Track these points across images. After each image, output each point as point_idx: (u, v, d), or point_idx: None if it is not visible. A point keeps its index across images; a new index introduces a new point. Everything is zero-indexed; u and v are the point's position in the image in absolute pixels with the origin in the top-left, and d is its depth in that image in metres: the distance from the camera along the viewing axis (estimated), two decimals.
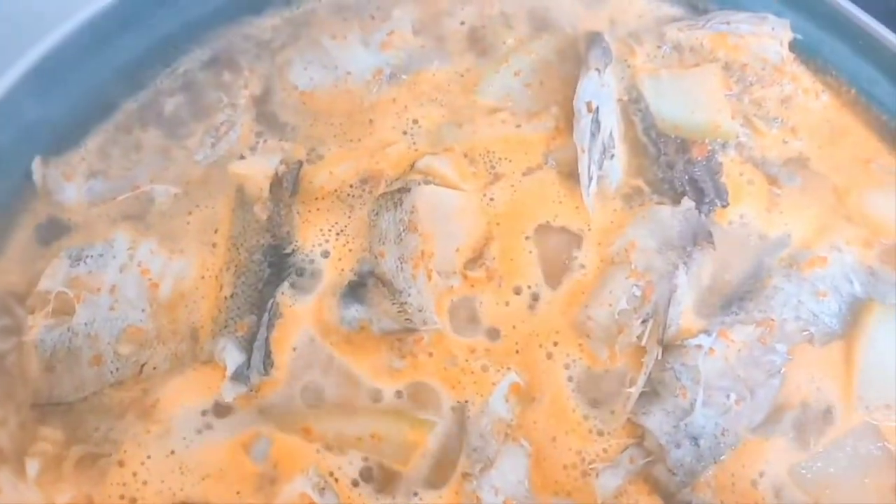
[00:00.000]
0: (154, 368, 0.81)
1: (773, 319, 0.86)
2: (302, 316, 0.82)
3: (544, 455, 0.80)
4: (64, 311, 0.82)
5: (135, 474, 0.77)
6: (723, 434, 0.81)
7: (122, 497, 0.76)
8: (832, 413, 0.84)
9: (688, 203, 0.89)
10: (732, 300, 0.87)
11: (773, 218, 0.92)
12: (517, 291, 0.85)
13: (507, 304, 0.85)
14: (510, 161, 0.91)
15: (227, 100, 0.92)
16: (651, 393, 0.82)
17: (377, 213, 0.85)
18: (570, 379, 0.82)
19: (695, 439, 0.79)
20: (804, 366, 0.85)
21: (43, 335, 0.79)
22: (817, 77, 0.98)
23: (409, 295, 0.82)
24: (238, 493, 0.77)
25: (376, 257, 0.84)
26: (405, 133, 0.92)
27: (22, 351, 0.81)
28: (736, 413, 0.83)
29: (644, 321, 0.82)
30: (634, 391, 0.80)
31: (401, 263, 0.83)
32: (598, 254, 0.88)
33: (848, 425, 0.84)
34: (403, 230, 0.84)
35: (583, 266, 0.88)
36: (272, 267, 0.83)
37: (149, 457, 0.77)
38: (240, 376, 0.78)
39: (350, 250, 0.85)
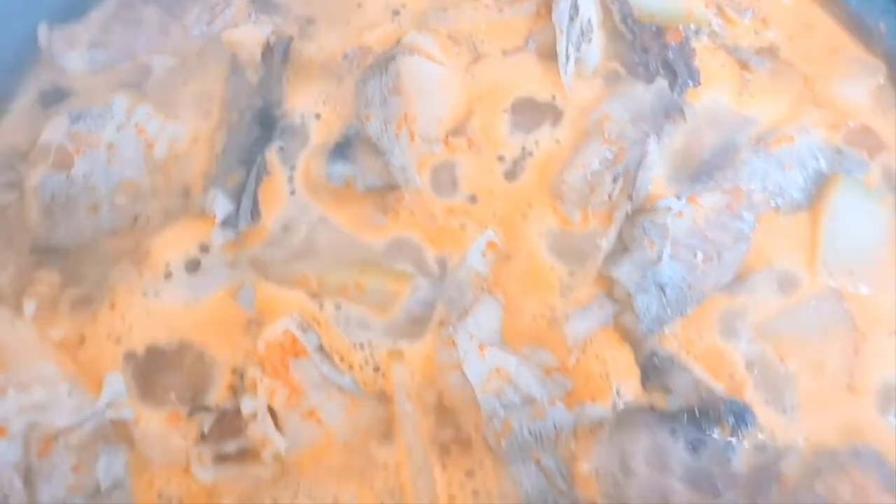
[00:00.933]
0: (147, 220, 0.84)
1: (741, 189, 0.88)
2: (289, 173, 0.87)
3: (516, 307, 0.82)
4: (64, 164, 0.86)
5: (123, 317, 0.80)
6: (689, 288, 0.83)
7: (108, 336, 0.80)
8: (797, 278, 0.85)
9: (661, 82, 0.92)
10: (702, 172, 0.89)
11: (743, 100, 0.93)
12: (497, 159, 0.87)
13: (486, 171, 0.87)
14: (492, 42, 0.94)
15: None
16: (621, 249, 0.84)
17: (364, 82, 0.88)
18: (544, 239, 0.84)
19: (661, 287, 0.81)
20: (771, 233, 0.86)
21: (43, 181, 0.82)
22: None
23: (393, 154, 0.85)
24: (225, 335, 0.83)
25: (362, 121, 0.86)
26: (393, 15, 0.95)
27: (23, 199, 0.86)
28: (703, 271, 0.85)
29: (615, 179, 0.84)
30: (605, 244, 0.82)
31: (385, 125, 0.86)
32: (574, 129, 0.90)
33: (812, 289, 0.85)
34: (388, 94, 0.86)
35: (558, 141, 0.90)
36: (262, 127, 0.86)
37: (138, 299, 0.81)
38: (229, 223, 0.82)
39: (338, 116, 0.88)
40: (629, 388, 0.80)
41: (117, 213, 0.83)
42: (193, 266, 0.81)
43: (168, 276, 0.81)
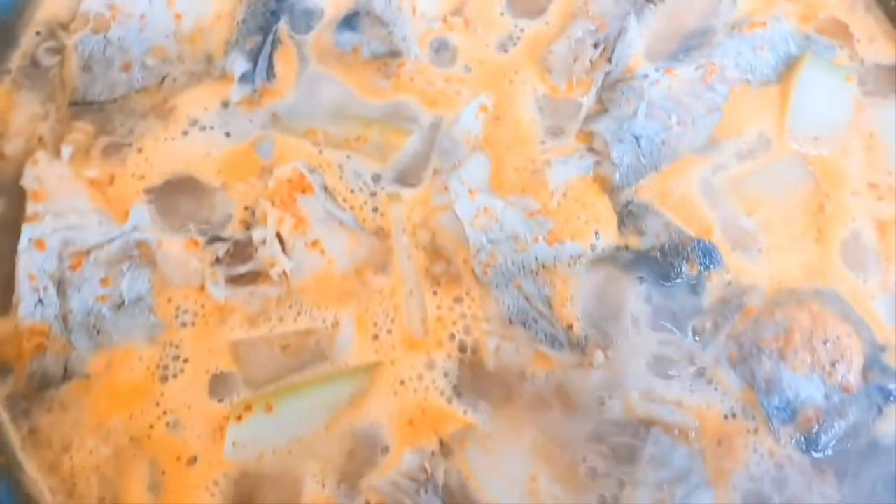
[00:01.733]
0: (174, 80, 0.93)
1: (714, 64, 0.95)
2: (301, 39, 0.96)
3: (502, 161, 0.89)
4: (101, 30, 0.94)
5: (148, 161, 0.88)
6: (663, 144, 0.89)
7: (134, 175, 0.88)
8: (765, 143, 0.92)
9: None
10: (679, 51, 0.96)
11: None
12: (491, 37, 0.96)
13: (480, 46, 0.95)
14: None
15: None
16: (601, 110, 0.91)
17: None
18: (532, 104, 0.92)
19: (636, 138, 0.88)
20: (742, 105, 0.93)
21: (83, 40, 0.91)
22: None
23: (396, 25, 0.93)
24: (241, 179, 0.90)
25: None
26: None
27: (63, 62, 0.95)
28: (677, 132, 0.91)
29: (596, 45, 0.92)
30: (586, 101, 0.90)
31: (389, 1, 0.96)
32: (561, 13, 0.98)
33: (779, 153, 0.91)
34: None
35: (547, 23, 0.98)
36: (278, 2, 0.96)
37: (163, 146, 0.89)
38: (246, 80, 0.90)
39: None
40: (606, 231, 0.87)
41: (147, 72, 0.92)
42: (214, 119, 0.90)
43: (191, 127, 0.90)
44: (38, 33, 0.96)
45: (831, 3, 1.02)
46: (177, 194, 0.88)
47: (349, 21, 0.94)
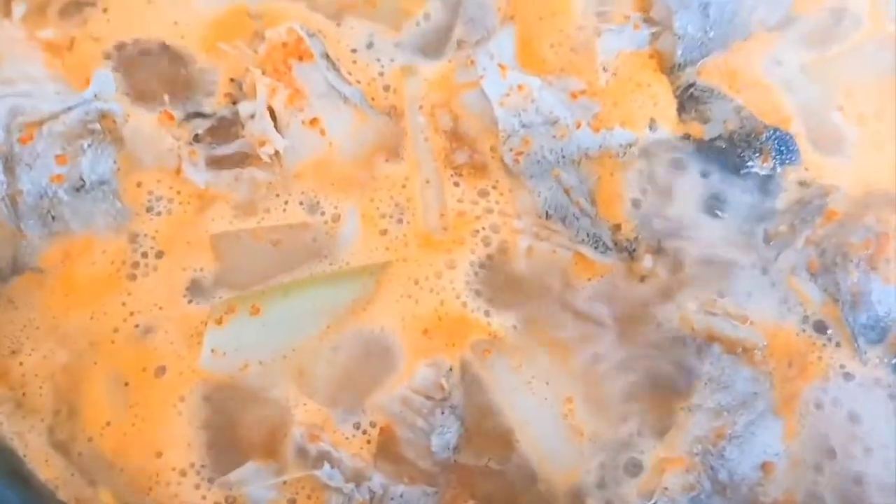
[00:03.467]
0: None
1: None
2: None
3: (538, 33, 0.75)
4: None
5: (116, 20, 0.74)
6: (734, 15, 0.75)
7: (98, 38, 0.72)
8: (855, 18, 0.77)
9: None
10: None
11: None
12: None
13: None
14: None
15: None
16: None
17: None
18: None
19: (704, 6, 0.73)
20: None
21: None
22: None
23: None
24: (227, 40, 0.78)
25: None
26: None
27: None
28: (751, 3, 0.76)
29: None
30: None
31: None
32: None
33: (871, 33, 0.77)
34: None
35: None
36: None
37: (130, 2, 0.76)
38: None
39: None
40: (663, 117, 0.74)
41: None
42: None
43: None
44: None
45: None
46: (149, 61, 0.73)
47: None
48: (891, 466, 0.64)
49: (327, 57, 0.74)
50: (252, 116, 0.70)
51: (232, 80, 0.74)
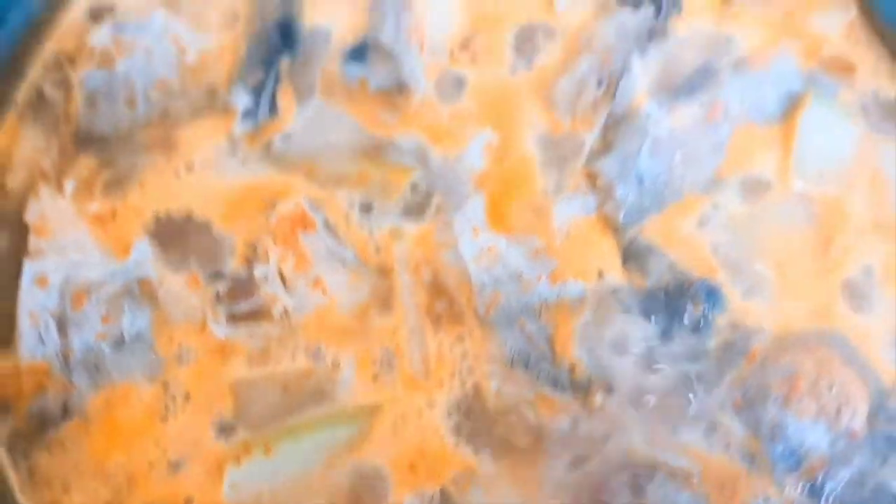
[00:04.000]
0: (177, 114, 0.93)
1: (718, 102, 0.98)
2: (306, 75, 0.96)
3: (504, 199, 0.89)
4: (106, 65, 0.96)
5: (151, 195, 0.89)
6: (667, 184, 0.90)
7: (137, 211, 0.88)
8: (769, 182, 0.92)
9: (648, 9, 1.01)
10: (683, 89, 0.96)
11: (724, 29, 0.99)
12: (497, 72, 0.97)
13: (486, 81, 0.95)
14: None
15: None
16: (604, 148, 0.91)
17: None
18: (536, 140, 0.92)
19: (640, 178, 0.88)
20: (746, 143, 0.93)
21: (88, 75, 0.92)
22: None
23: (403, 59, 0.94)
24: (242, 214, 0.91)
25: (377, 30, 0.95)
26: None
27: (69, 95, 0.96)
28: (680, 172, 0.92)
29: (599, 83, 0.93)
30: (589, 139, 0.90)
31: (398, 33, 0.95)
32: (566, 48, 0.98)
33: (783, 192, 0.91)
34: (402, 8, 0.95)
35: (552, 56, 0.98)
36: (282, 37, 0.95)
37: (165, 180, 0.90)
38: (249, 116, 0.91)
39: (353, 27, 0.96)
40: (610, 270, 0.88)
41: (151, 106, 0.93)
42: (216, 154, 0.91)
43: (193, 162, 0.91)
44: (44, 67, 0.97)
45: (834, 40, 1.03)
46: (178, 229, 0.89)
47: (356, 54, 0.94)
48: None
49: (328, 225, 0.88)
50: (265, 279, 0.85)
51: (248, 244, 0.89)
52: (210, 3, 1.00)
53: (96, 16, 1.00)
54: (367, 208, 0.90)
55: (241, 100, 0.91)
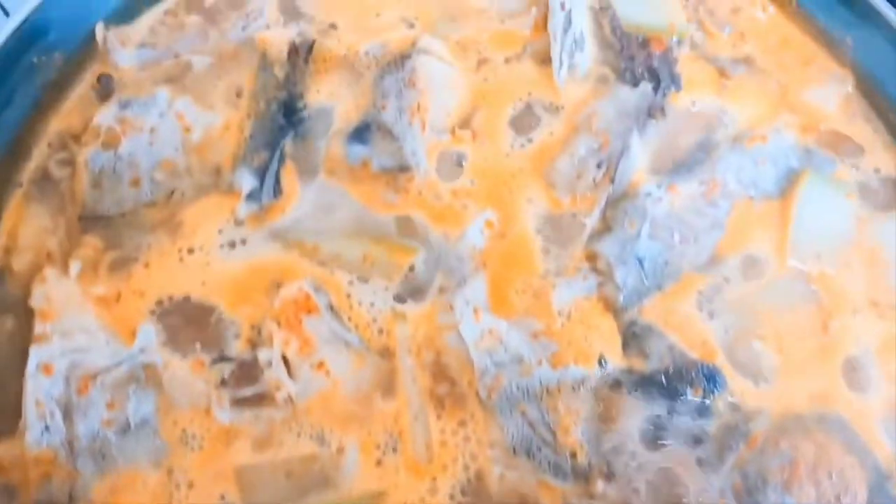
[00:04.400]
0: (182, 194, 0.95)
1: (716, 180, 0.97)
2: (310, 156, 0.97)
3: (505, 280, 0.91)
4: (111, 144, 0.97)
5: (156, 277, 0.90)
6: (666, 265, 0.92)
7: (142, 293, 0.89)
8: (767, 260, 0.94)
9: (646, 86, 1.02)
10: (681, 165, 0.98)
11: (721, 104, 1.03)
12: (497, 150, 0.98)
13: (487, 159, 0.98)
14: (495, 49, 1.05)
15: None
16: (604, 229, 0.93)
17: (382, 76, 1.00)
18: (535, 220, 0.94)
19: (640, 261, 0.90)
20: (744, 221, 0.95)
21: (93, 157, 0.94)
22: None
23: (405, 140, 0.96)
24: (247, 296, 0.92)
25: (379, 109, 0.98)
26: (407, 26, 1.07)
27: (74, 175, 0.97)
28: (679, 250, 0.94)
29: (599, 165, 0.94)
30: (589, 222, 0.92)
31: (400, 113, 0.97)
32: (566, 125, 1.01)
33: (781, 271, 0.93)
34: (404, 86, 0.98)
35: (552, 134, 1.01)
36: (286, 117, 0.97)
37: (170, 262, 0.90)
38: (253, 198, 0.93)
39: (357, 107, 0.99)
40: (610, 353, 0.88)
41: (155, 186, 0.94)
42: (221, 235, 0.92)
43: (198, 243, 0.92)
44: (49, 145, 0.99)
45: (831, 115, 1.06)
46: (183, 312, 0.90)
47: (359, 134, 0.96)
48: None
49: (331, 308, 0.89)
50: (269, 364, 0.86)
51: (252, 326, 0.90)
52: (214, 81, 1.04)
53: (102, 91, 1.03)
54: (370, 289, 0.91)
55: (246, 181, 0.93)
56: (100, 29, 1.01)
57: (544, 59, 1.04)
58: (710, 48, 1.07)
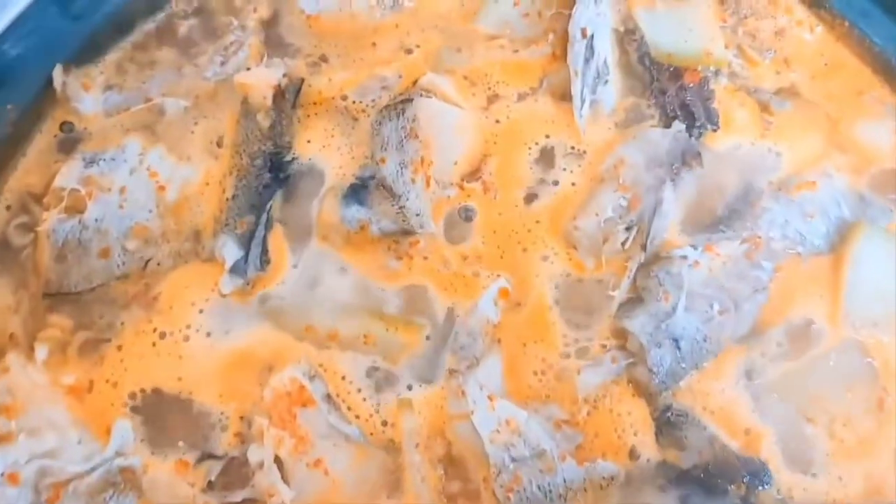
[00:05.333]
0: (158, 264, 0.84)
1: (759, 237, 0.86)
2: (300, 219, 0.86)
3: (521, 360, 0.81)
4: (76, 209, 0.85)
5: (131, 362, 0.80)
6: (705, 340, 0.82)
7: (117, 382, 0.79)
8: (818, 329, 0.84)
9: (678, 126, 0.90)
10: (720, 219, 0.88)
11: (763, 143, 0.92)
12: (511, 204, 0.87)
13: (500, 215, 0.87)
14: (507, 84, 0.93)
15: (237, 23, 0.95)
16: (635, 299, 0.83)
17: (380, 123, 0.88)
18: (554, 287, 0.84)
19: (675, 340, 0.80)
20: (790, 283, 0.85)
21: (56, 227, 0.83)
22: (811, 10, 0.98)
23: (408, 199, 0.85)
24: (233, 382, 0.82)
25: (378, 163, 0.86)
26: (406, 54, 0.94)
27: (36, 245, 0.87)
28: (719, 322, 0.84)
29: (629, 228, 0.83)
30: (618, 294, 0.82)
31: (401, 168, 0.86)
32: (589, 173, 0.89)
33: (834, 341, 0.84)
34: (405, 137, 0.86)
35: (573, 184, 0.89)
36: (272, 172, 0.86)
37: (146, 344, 0.80)
38: (237, 270, 0.82)
39: (353, 158, 0.88)
40: (642, 444, 0.80)
41: (128, 257, 0.83)
42: (201, 312, 0.82)
43: (176, 321, 0.83)
44: (8, 208, 0.88)
45: (887, 152, 0.94)
46: (162, 403, 0.80)
47: (356, 193, 0.85)
48: None
49: (329, 398, 0.80)
50: (261, 465, 0.77)
51: (241, 418, 0.80)
52: (190, 127, 0.92)
53: (65, 143, 0.91)
54: (371, 373, 0.82)
55: (229, 251, 0.82)
56: (58, 74, 0.88)
57: (563, 95, 0.93)
58: (751, 78, 0.95)
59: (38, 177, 0.89)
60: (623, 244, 0.83)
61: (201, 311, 0.82)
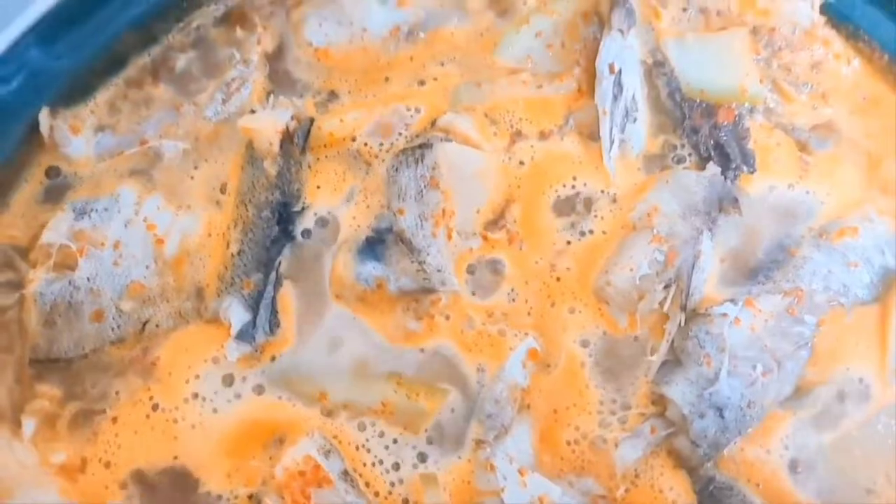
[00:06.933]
0: (157, 326, 0.75)
1: (801, 290, 0.78)
2: (312, 276, 0.77)
3: (553, 429, 0.73)
4: (66, 266, 0.75)
5: (127, 437, 0.71)
6: (749, 406, 0.74)
7: (111, 460, 0.70)
8: (865, 387, 0.76)
9: (713, 168, 0.81)
10: (759, 270, 0.79)
11: (802, 186, 0.83)
12: (538, 255, 0.78)
13: (526, 268, 0.78)
14: (531, 122, 0.83)
15: (239, 56, 0.85)
16: (673, 362, 0.75)
17: (397, 169, 0.78)
18: (586, 346, 0.75)
19: (719, 410, 0.72)
20: (835, 337, 0.77)
21: (43, 288, 0.73)
22: (849, 42, 0.89)
23: (429, 254, 0.76)
24: (241, 456, 0.73)
25: (395, 214, 0.77)
26: (419, 85, 0.83)
27: (22, 305, 0.76)
28: (763, 385, 0.76)
29: (666, 286, 0.74)
30: (656, 359, 0.74)
31: (421, 221, 0.77)
32: (620, 220, 0.80)
33: (881, 401, 0.76)
34: (425, 187, 0.77)
35: (604, 232, 0.81)
36: (281, 224, 0.77)
37: (143, 416, 0.71)
38: (245, 335, 0.73)
39: (367, 207, 0.79)
40: None
41: (124, 319, 0.74)
42: (205, 380, 0.73)
43: (177, 389, 0.73)
44: None
45: None
46: (163, 484, 0.71)
47: (372, 248, 0.76)
48: None
49: (345, 475, 0.71)
50: None
51: (250, 497, 0.72)
52: (190, 172, 0.81)
53: (53, 192, 0.80)
54: (390, 445, 0.74)
55: (235, 315, 0.73)
56: (44, 117, 0.78)
57: (591, 133, 0.83)
58: (787, 114, 0.85)
59: (23, 229, 0.78)
60: (661, 304, 0.75)
61: (204, 378, 0.73)
